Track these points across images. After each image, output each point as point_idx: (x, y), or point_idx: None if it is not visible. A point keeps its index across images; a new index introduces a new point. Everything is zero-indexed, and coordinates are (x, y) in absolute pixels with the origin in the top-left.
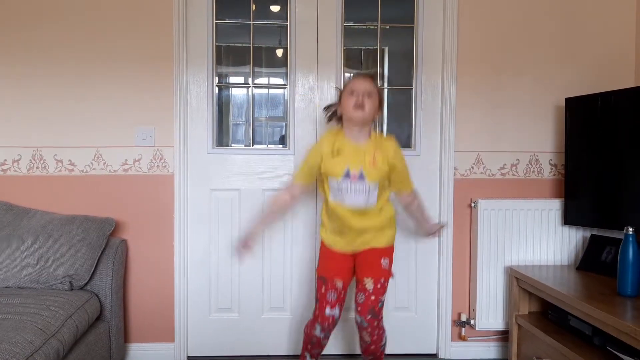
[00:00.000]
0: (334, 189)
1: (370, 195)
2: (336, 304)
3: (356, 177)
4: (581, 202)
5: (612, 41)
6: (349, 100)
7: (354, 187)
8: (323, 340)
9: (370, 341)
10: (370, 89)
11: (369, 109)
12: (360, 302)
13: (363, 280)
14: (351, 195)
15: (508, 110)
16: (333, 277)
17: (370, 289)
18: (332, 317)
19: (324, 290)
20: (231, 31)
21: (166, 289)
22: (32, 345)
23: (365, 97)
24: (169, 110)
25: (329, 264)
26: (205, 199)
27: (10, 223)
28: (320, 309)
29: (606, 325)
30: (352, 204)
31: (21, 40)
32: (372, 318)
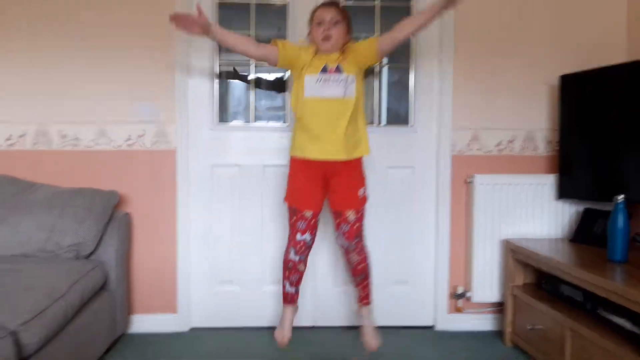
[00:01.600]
0: (310, 83)
1: (348, 86)
2: (306, 231)
3: (333, 70)
4: (575, 176)
5: (603, 19)
6: (316, 31)
7: (332, 78)
8: (299, 265)
9: (360, 259)
10: (336, 17)
11: (336, 38)
12: (346, 231)
13: (345, 212)
14: (329, 86)
15: (504, 88)
16: (303, 209)
17: (353, 219)
18: (304, 241)
19: (294, 220)
20: (232, 17)
21: (169, 261)
22: (41, 305)
23: (331, 26)
24: (171, 87)
25: (299, 194)
26: (206, 174)
27: (15, 195)
28: (292, 234)
29: (597, 288)
30: (330, 94)
31: (25, 16)
32: (359, 241)
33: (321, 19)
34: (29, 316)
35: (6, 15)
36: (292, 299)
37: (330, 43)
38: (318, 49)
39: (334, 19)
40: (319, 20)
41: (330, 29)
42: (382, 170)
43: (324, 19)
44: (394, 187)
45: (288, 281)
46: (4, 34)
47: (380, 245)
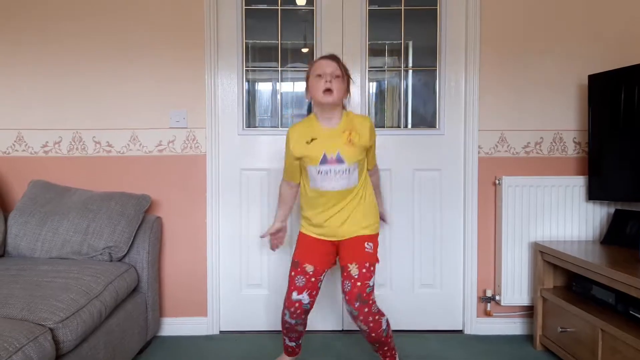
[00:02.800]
0: (313, 176)
1: (350, 176)
2: (304, 290)
3: (334, 161)
4: (605, 177)
5: (634, 17)
6: (317, 84)
7: (333, 170)
8: (296, 327)
9: (368, 329)
10: (337, 71)
11: (337, 92)
12: (347, 291)
13: (347, 266)
14: (331, 180)
15: (531, 89)
16: (304, 262)
17: (356, 275)
18: (299, 303)
19: (293, 274)
20: (259, 26)
21: (199, 265)
22: (78, 303)
23: (333, 80)
24: (201, 94)
25: (303, 248)
26: (235, 178)
27: (52, 200)
28: (288, 292)
29: (629, 288)
30: (332, 188)
31: (65, 30)
32: (361, 305)
33: (322, 72)
34: (65, 314)
35: (47, 30)
36: (293, 352)
37: (331, 97)
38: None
39: (335, 73)
40: (319, 72)
41: (331, 82)
42: (409, 172)
43: (324, 72)
44: (421, 190)
45: (287, 337)
46: (43, 45)
47: (407, 248)
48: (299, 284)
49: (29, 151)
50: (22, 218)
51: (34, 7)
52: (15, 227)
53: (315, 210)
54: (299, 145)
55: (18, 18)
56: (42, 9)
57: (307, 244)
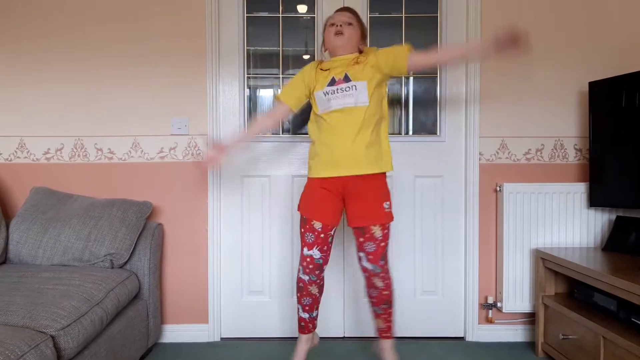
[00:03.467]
0: (320, 99)
1: (359, 94)
2: (314, 246)
3: (341, 81)
4: (606, 184)
5: (635, 24)
6: (329, 32)
7: (340, 88)
8: (309, 286)
9: (384, 286)
10: (349, 19)
11: (348, 35)
12: (372, 251)
13: (371, 229)
14: (338, 97)
15: (532, 96)
16: (311, 219)
17: (380, 236)
18: (311, 258)
19: (303, 230)
20: (260, 34)
21: (200, 271)
22: (79, 310)
23: (344, 25)
24: (203, 101)
25: (311, 202)
26: (237, 184)
27: (54, 206)
28: (301, 249)
29: (631, 295)
30: (340, 105)
31: (66, 36)
32: (384, 263)
33: (334, 21)
34: (67, 321)
35: (47, 36)
36: (307, 327)
37: (341, 39)
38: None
39: (347, 21)
40: (332, 22)
41: (342, 26)
42: (410, 179)
43: (336, 20)
44: (423, 197)
45: (301, 305)
46: (45, 52)
47: (409, 254)
48: (309, 240)
49: (31, 158)
50: (24, 225)
51: (36, 15)
52: (16, 233)
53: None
54: (312, 72)
55: (20, 26)
56: (43, 17)
57: (314, 198)
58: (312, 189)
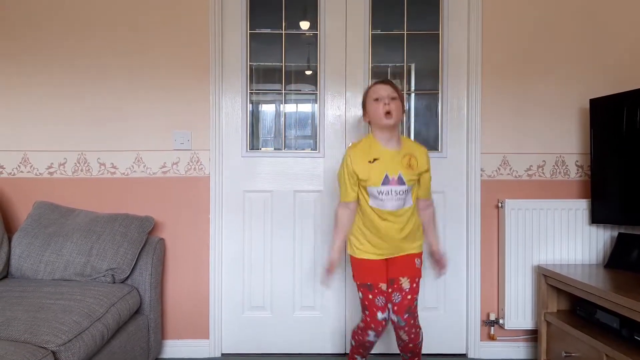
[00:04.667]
0: (373, 195)
1: (407, 197)
2: (386, 307)
3: (395, 182)
4: (608, 201)
5: (636, 41)
6: (376, 107)
7: (393, 190)
8: (375, 343)
9: (409, 339)
10: (392, 93)
11: (396, 113)
12: (397, 302)
13: (399, 280)
14: (391, 199)
15: (533, 113)
16: (378, 282)
17: (407, 288)
18: (385, 320)
19: (371, 297)
20: (263, 50)
21: (201, 287)
22: (80, 326)
23: (391, 102)
24: (205, 116)
25: (369, 270)
26: (239, 200)
27: (56, 221)
28: (371, 315)
29: (634, 313)
30: (391, 207)
31: (71, 52)
32: (409, 317)
33: (378, 95)
34: (68, 337)
35: (50, 50)
36: None
37: (392, 119)
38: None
39: (392, 95)
40: (376, 96)
41: (390, 104)
42: None
43: (381, 95)
44: None
45: (360, 355)
46: (49, 67)
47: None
48: (380, 303)
49: (34, 172)
50: (26, 239)
51: (39, 30)
52: (18, 248)
53: (372, 229)
54: (361, 165)
55: (24, 41)
56: (47, 32)
57: (368, 266)
58: (363, 262)
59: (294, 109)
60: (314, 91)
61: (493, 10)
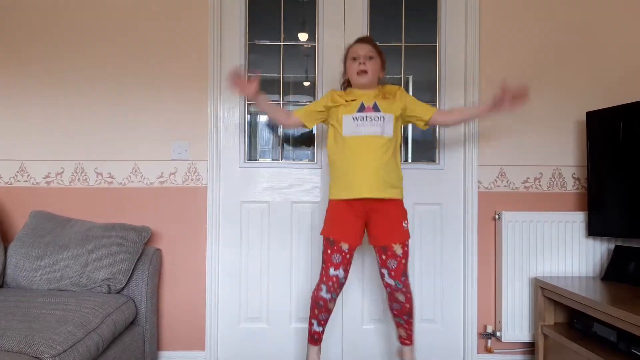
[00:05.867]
0: (348, 123)
1: (385, 125)
2: (340, 266)
3: (370, 108)
4: (605, 213)
5: (632, 55)
6: (352, 66)
7: (369, 116)
8: (329, 303)
9: (405, 299)
10: (371, 52)
11: (371, 73)
12: (393, 268)
13: (392, 247)
14: (367, 125)
15: (530, 125)
16: (340, 241)
17: (400, 254)
18: (337, 277)
19: (329, 252)
20: (262, 61)
21: (198, 298)
22: (75, 336)
23: (367, 61)
24: (203, 126)
25: (337, 226)
26: (236, 210)
27: (52, 231)
28: (325, 269)
29: (631, 326)
30: (368, 132)
31: (69, 62)
32: (406, 279)
33: (356, 54)
34: (63, 347)
35: (48, 61)
36: (319, 339)
37: (366, 78)
38: (350, 88)
39: (369, 54)
40: (354, 55)
41: (365, 64)
42: (409, 206)
43: (358, 54)
44: (422, 224)
45: (317, 320)
46: (46, 77)
47: None
48: (336, 260)
49: (31, 182)
50: (22, 249)
51: (37, 40)
52: (14, 257)
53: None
54: (338, 99)
55: (21, 51)
56: (46, 42)
57: (339, 221)
58: (336, 211)
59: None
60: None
61: (490, 23)
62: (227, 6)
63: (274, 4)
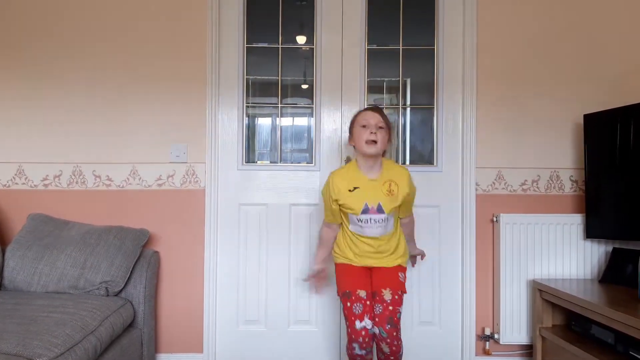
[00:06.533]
0: (353, 221)
1: (387, 224)
2: (364, 315)
3: (374, 211)
4: (603, 216)
5: (629, 57)
6: (361, 134)
7: (373, 219)
8: (367, 356)
9: (390, 352)
10: (381, 122)
11: (381, 143)
12: (379, 313)
13: (381, 291)
14: (371, 227)
15: (528, 128)
16: (355, 289)
17: (389, 299)
18: (365, 330)
19: (349, 304)
20: (260, 64)
21: (196, 300)
22: (73, 339)
23: (377, 131)
24: (202, 129)
25: (349, 278)
26: (234, 213)
27: (50, 233)
28: (351, 325)
29: (629, 328)
30: (371, 234)
31: (67, 65)
32: (392, 328)
33: (367, 123)
34: (60, 350)
35: (46, 63)
36: None
37: (375, 148)
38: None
39: (379, 124)
40: (364, 123)
41: (376, 134)
42: None
43: (369, 123)
44: (420, 226)
45: None
46: (44, 79)
47: (406, 285)
48: (358, 311)
49: (29, 184)
50: (20, 251)
51: (36, 42)
52: (12, 260)
53: (354, 247)
54: (342, 193)
55: (20, 53)
56: (44, 44)
57: (349, 273)
58: (344, 268)
59: (290, 123)
60: (310, 105)
61: (487, 26)
62: (226, 9)
63: (272, 7)
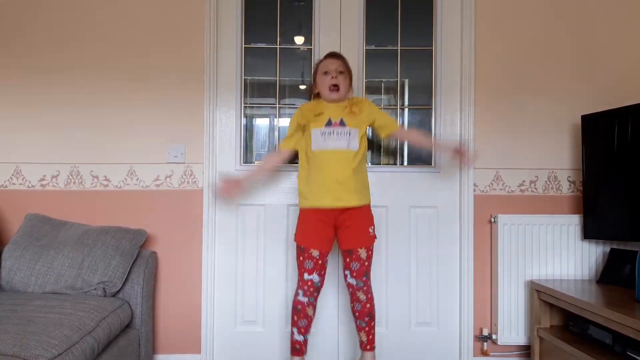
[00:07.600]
0: (317, 137)
1: (351, 139)
2: (313, 271)
3: (337, 124)
4: (600, 216)
5: (627, 58)
6: (324, 80)
7: (336, 131)
8: (307, 308)
9: (366, 299)
10: (340, 67)
11: (343, 89)
12: (356, 269)
13: (357, 250)
14: (333, 140)
15: (526, 129)
16: (309, 247)
17: (364, 257)
18: (311, 281)
19: (301, 259)
20: (258, 64)
21: (193, 301)
22: (70, 340)
23: (338, 75)
24: (199, 129)
25: (307, 233)
26: (232, 213)
27: (48, 233)
28: (300, 274)
29: (626, 329)
30: (335, 146)
31: (60, 62)
32: (367, 279)
33: (327, 69)
34: (58, 351)
35: (41, 63)
36: (301, 349)
37: (337, 94)
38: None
39: (339, 69)
40: (325, 69)
41: (337, 77)
42: (405, 210)
43: (330, 69)
44: (417, 227)
45: (296, 327)
46: (42, 79)
47: (403, 285)
48: (308, 267)
49: (26, 184)
50: (17, 252)
51: (34, 42)
52: (9, 261)
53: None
54: (309, 117)
55: (17, 52)
56: (42, 44)
57: (310, 229)
58: (307, 219)
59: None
60: None
61: (485, 27)
62: (223, 9)
63: (270, 7)
